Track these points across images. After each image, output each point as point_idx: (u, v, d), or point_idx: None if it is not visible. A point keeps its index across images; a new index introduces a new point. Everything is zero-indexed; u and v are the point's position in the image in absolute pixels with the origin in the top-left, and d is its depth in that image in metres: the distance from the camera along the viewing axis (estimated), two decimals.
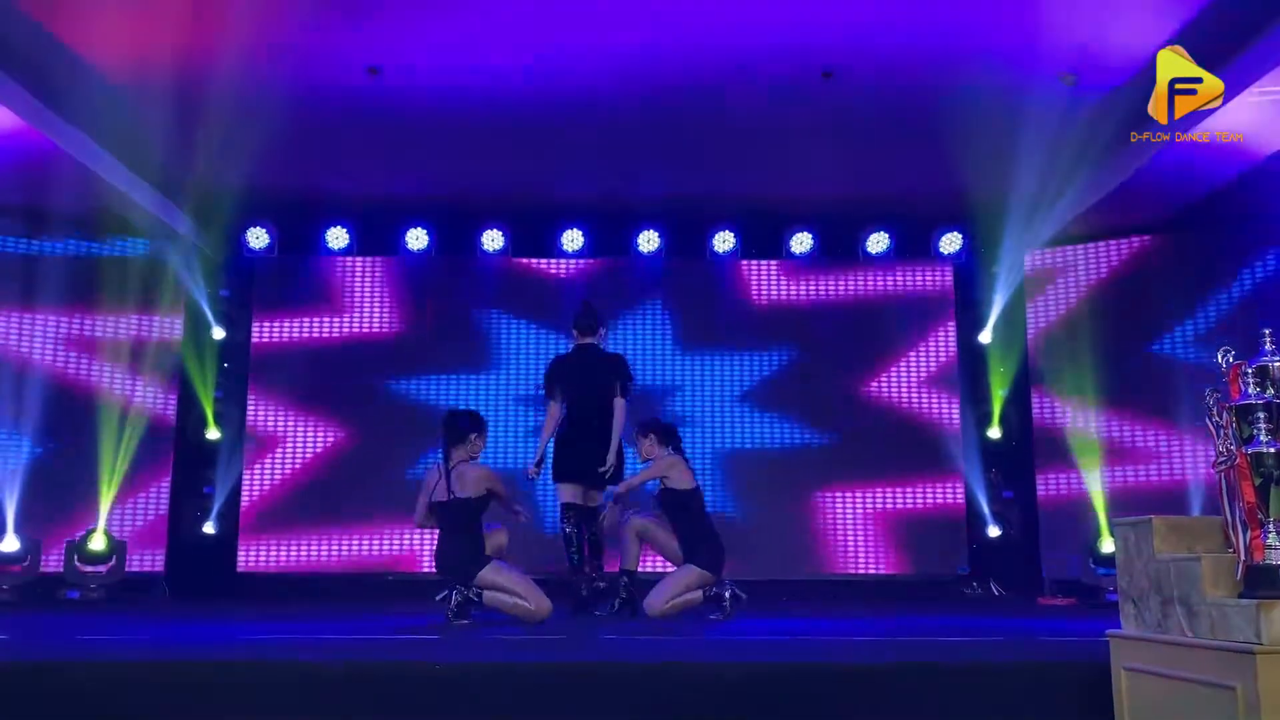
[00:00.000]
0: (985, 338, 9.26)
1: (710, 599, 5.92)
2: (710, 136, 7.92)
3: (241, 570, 8.89)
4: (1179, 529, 3.18)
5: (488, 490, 5.72)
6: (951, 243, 9.35)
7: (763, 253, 9.47)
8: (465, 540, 5.65)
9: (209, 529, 8.91)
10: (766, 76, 7.05)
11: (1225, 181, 7.62)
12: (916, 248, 9.45)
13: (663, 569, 6.37)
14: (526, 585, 5.60)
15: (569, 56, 6.86)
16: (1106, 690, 3.31)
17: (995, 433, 9.19)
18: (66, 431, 8.48)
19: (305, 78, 7.09)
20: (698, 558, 5.91)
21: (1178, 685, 2.96)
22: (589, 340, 6.68)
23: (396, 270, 9.40)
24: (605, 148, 8.07)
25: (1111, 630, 3.33)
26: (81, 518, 8.29)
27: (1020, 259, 9.05)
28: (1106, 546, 8.01)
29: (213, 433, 9.07)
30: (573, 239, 9.29)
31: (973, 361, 9.35)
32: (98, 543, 8.19)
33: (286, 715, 3.59)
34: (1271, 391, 2.92)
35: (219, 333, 9.17)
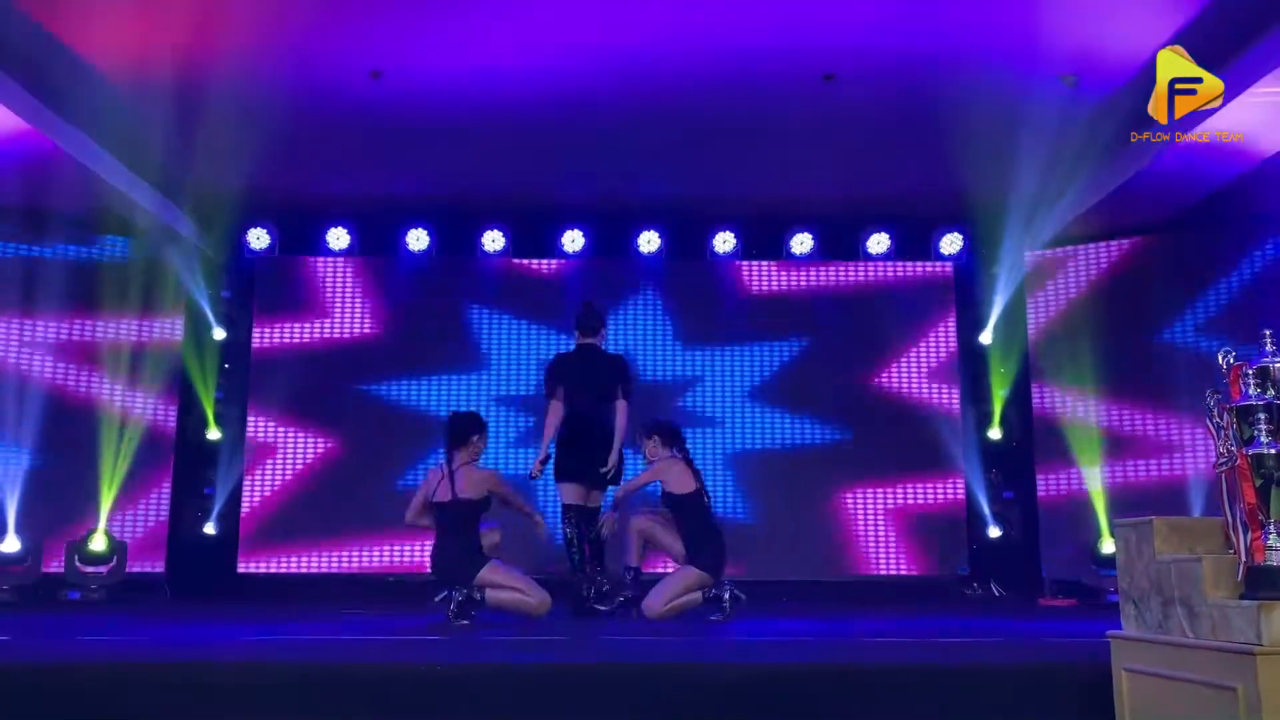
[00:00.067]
0: (986, 338, 9.26)
1: (710, 600, 5.92)
2: (710, 137, 7.91)
3: (242, 571, 8.89)
4: (1180, 530, 3.18)
5: (490, 493, 5.74)
6: (952, 243, 9.35)
7: (763, 253, 9.46)
8: (463, 542, 5.66)
9: (209, 530, 8.90)
10: (767, 77, 7.05)
11: (1226, 182, 7.61)
12: (917, 248, 9.44)
13: (670, 569, 6.36)
14: (525, 580, 5.65)
15: (570, 58, 6.86)
16: (1107, 691, 3.31)
17: (996, 433, 9.19)
18: (67, 432, 8.46)
19: (306, 79, 7.09)
20: (699, 559, 5.91)
21: (1178, 686, 2.96)
22: (590, 340, 6.68)
23: (397, 271, 9.38)
24: (606, 149, 8.07)
25: (1112, 631, 3.34)
26: (82, 518, 8.28)
27: (1021, 259, 9.04)
28: (1107, 547, 8.01)
29: (213, 433, 9.06)
30: (573, 239, 9.29)
31: (973, 362, 9.34)
32: (98, 543, 8.18)
33: (287, 716, 3.59)
34: (1272, 393, 2.92)
35: (220, 333, 9.17)
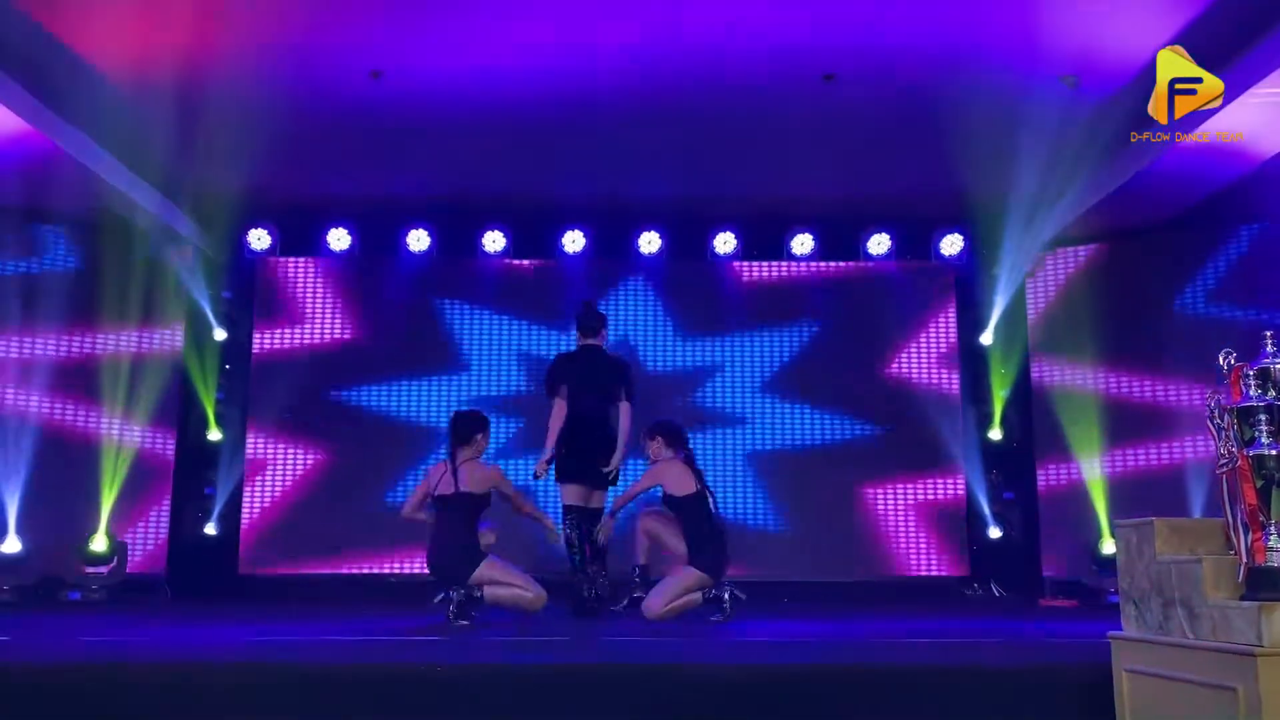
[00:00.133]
0: (986, 339, 9.25)
1: (710, 600, 5.91)
2: (711, 137, 7.91)
3: (243, 572, 8.89)
4: (1180, 531, 3.18)
5: (493, 489, 5.79)
6: (952, 244, 9.34)
7: (764, 254, 9.46)
8: (461, 538, 5.70)
9: (210, 530, 8.91)
10: (767, 77, 7.04)
11: (1226, 183, 7.61)
12: (917, 249, 9.44)
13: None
14: (522, 576, 5.72)
15: (571, 58, 6.86)
16: (1108, 692, 3.31)
17: (996, 434, 9.19)
18: (68, 432, 8.47)
19: (306, 79, 7.09)
20: (699, 560, 5.90)
21: (1179, 687, 2.96)
22: (592, 341, 6.67)
23: (397, 272, 9.37)
24: (606, 149, 8.07)
25: (1113, 632, 3.34)
26: (83, 518, 8.28)
27: (1021, 260, 9.04)
28: (1108, 548, 8.01)
29: (214, 434, 9.06)
30: (574, 240, 9.29)
31: (973, 363, 9.34)
32: (99, 544, 8.18)
33: (287, 717, 3.60)
34: (1273, 394, 2.93)
35: (220, 334, 9.17)
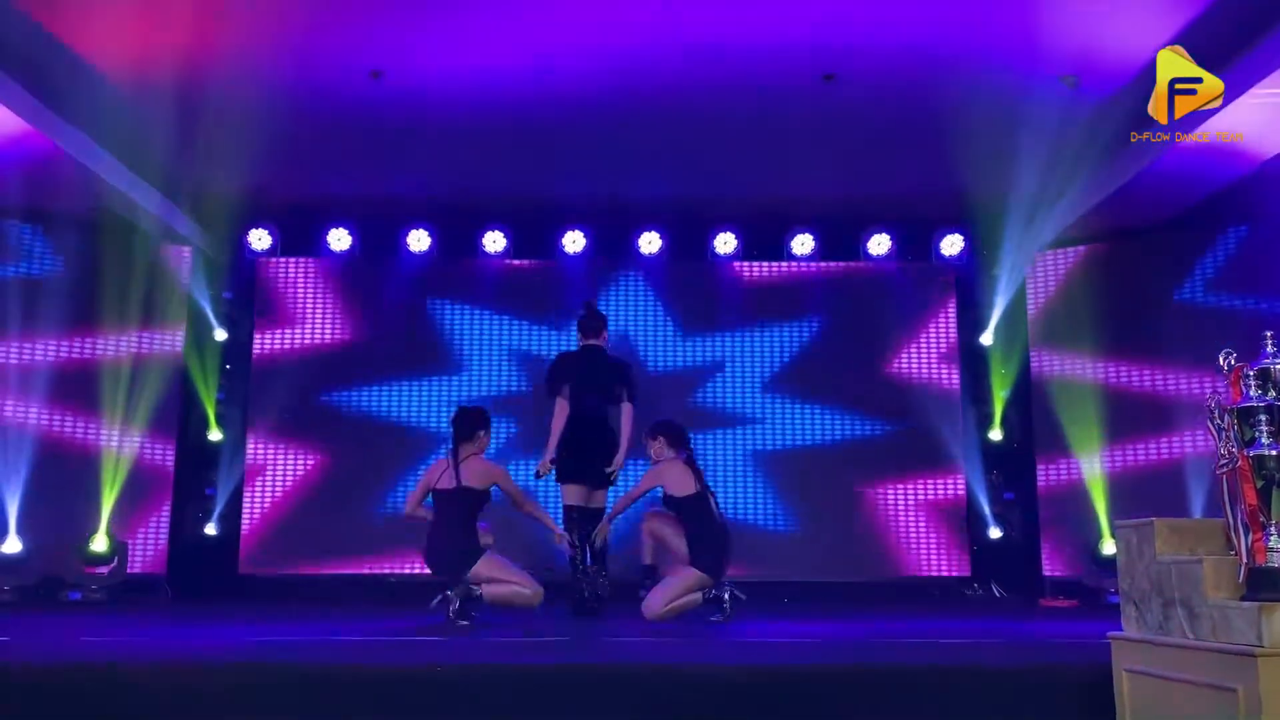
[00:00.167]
0: (986, 339, 9.25)
1: (710, 600, 5.92)
2: (711, 138, 7.91)
3: (243, 572, 8.88)
4: (1180, 531, 3.18)
5: (494, 485, 5.83)
6: (953, 244, 9.34)
7: (764, 254, 9.46)
8: (461, 533, 5.73)
9: (211, 530, 8.91)
10: (767, 77, 7.04)
11: (1226, 183, 7.61)
12: (918, 249, 9.44)
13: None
14: (520, 572, 5.75)
15: (571, 58, 6.86)
16: (1108, 692, 3.32)
17: (996, 434, 9.19)
18: (69, 432, 8.47)
19: (307, 80, 7.09)
20: (700, 560, 5.91)
21: (1179, 687, 2.96)
22: (593, 342, 6.68)
23: (397, 272, 9.37)
24: (607, 149, 8.07)
25: (1113, 632, 3.34)
26: (84, 519, 8.27)
27: (1022, 261, 9.04)
28: (1108, 548, 8.00)
29: (214, 434, 9.06)
30: (574, 240, 9.29)
31: (974, 363, 9.34)
32: (100, 544, 8.18)
33: (288, 717, 3.60)
34: (1273, 394, 2.93)
35: (221, 334, 9.17)
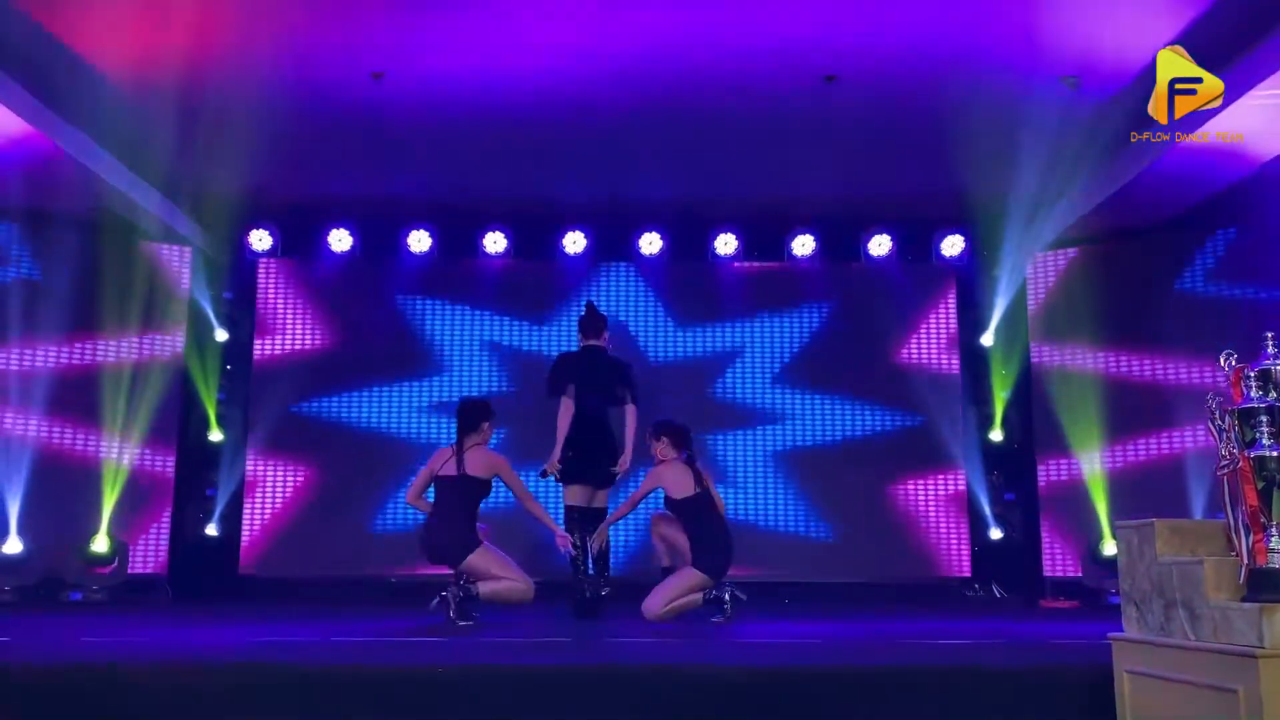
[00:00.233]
0: (987, 340, 9.25)
1: (710, 601, 5.92)
2: (712, 139, 7.90)
3: (244, 572, 8.89)
4: (1181, 532, 3.19)
5: (496, 476, 5.89)
6: (953, 245, 9.33)
7: (765, 254, 9.45)
8: (460, 522, 5.78)
9: (211, 530, 8.91)
10: (768, 78, 7.05)
11: (1227, 184, 7.61)
12: (918, 250, 9.44)
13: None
14: (513, 566, 5.78)
15: (572, 59, 6.86)
16: (1109, 693, 3.32)
17: (997, 435, 9.19)
18: (70, 432, 8.46)
19: (308, 80, 7.09)
20: (701, 561, 5.93)
21: (1180, 688, 2.96)
22: (594, 342, 6.69)
23: (398, 272, 9.37)
24: (607, 150, 8.06)
25: (1114, 633, 3.34)
26: (84, 519, 8.27)
27: (1022, 261, 9.04)
28: (1109, 549, 8.00)
29: (215, 434, 9.06)
30: (575, 241, 9.29)
31: (974, 364, 9.34)
32: (100, 544, 8.18)
33: (289, 717, 3.60)
34: (1274, 395, 2.93)
35: (222, 334, 9.17)
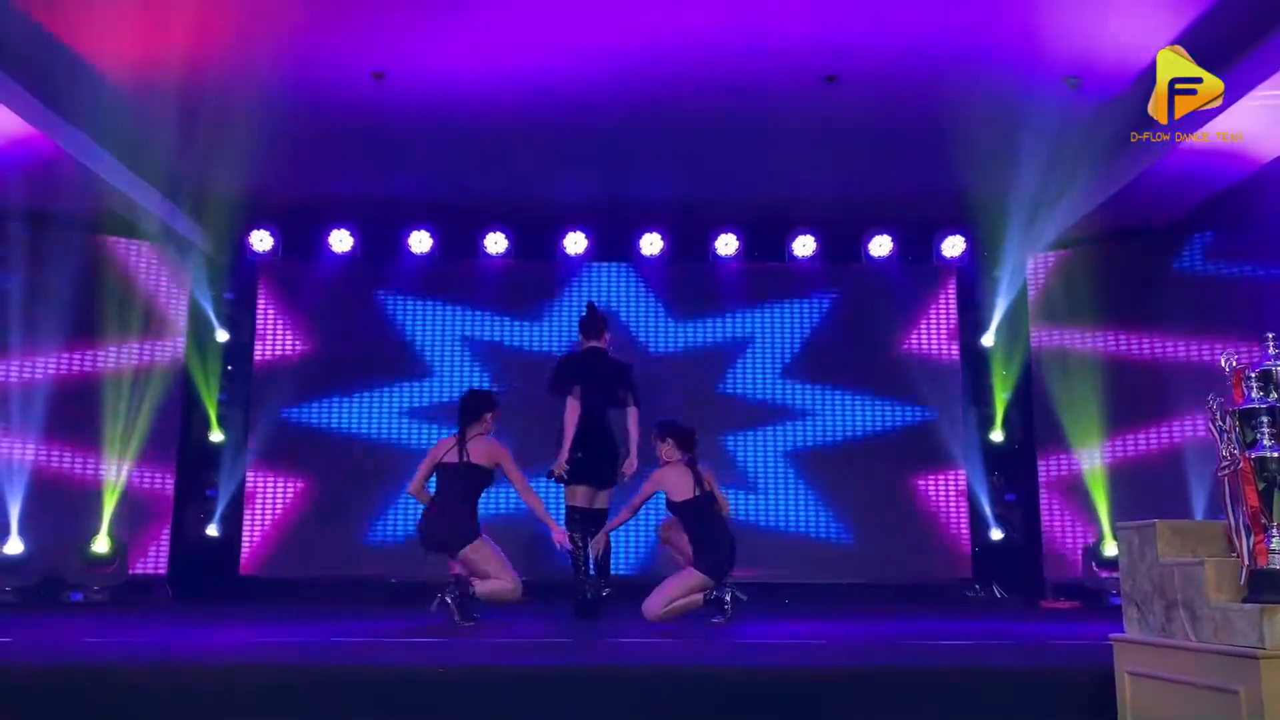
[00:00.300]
0: (988, 340, 9.25)
1: (711, 602, 5.92)
2: (712, 139, 7.90)
3: (244, 573, 8.88)
4: (1182, 533, 3.19)
5: (497, 465, 5.89)
6: (954, 246, 9.33)
7: (765, 255, 9.45)
8: (460, 509, 5.79)
9: (212, 531, 8.91)
10: (769, 78, 7.04)
11: (1227, 185, 7.60)
12: (919, 250, 9.44)
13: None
14: (506, 565, 5.78)
15: (572, 60, 6.86)
16: (1110, 694, 3.32)
17: (998, 435, 9.18)
18: (70, 433, 8.45)
19: (308, 81, 7.09)
20: (702, 563, 5.93)
21: (1181, 689, 2.96)
22: (596, 344, 6.69)
23: (400, 273, 9.38)
24: (608, 151, 8.07)
25: (1115, 634, 3.34)
26: (85, 519, 8.27)
27: (1023, 262, 9.04)
28: (1109, 550, 8.00)
29: (216, 435, 9.06)
30: (575, 241, 9.29)
31: (975, 364, 9.34)
32: (101, 545, 8.18)
33: (290, 718, 3.60)
34: (1275, 396, 2.93)
35: (222, 335, 9.16)
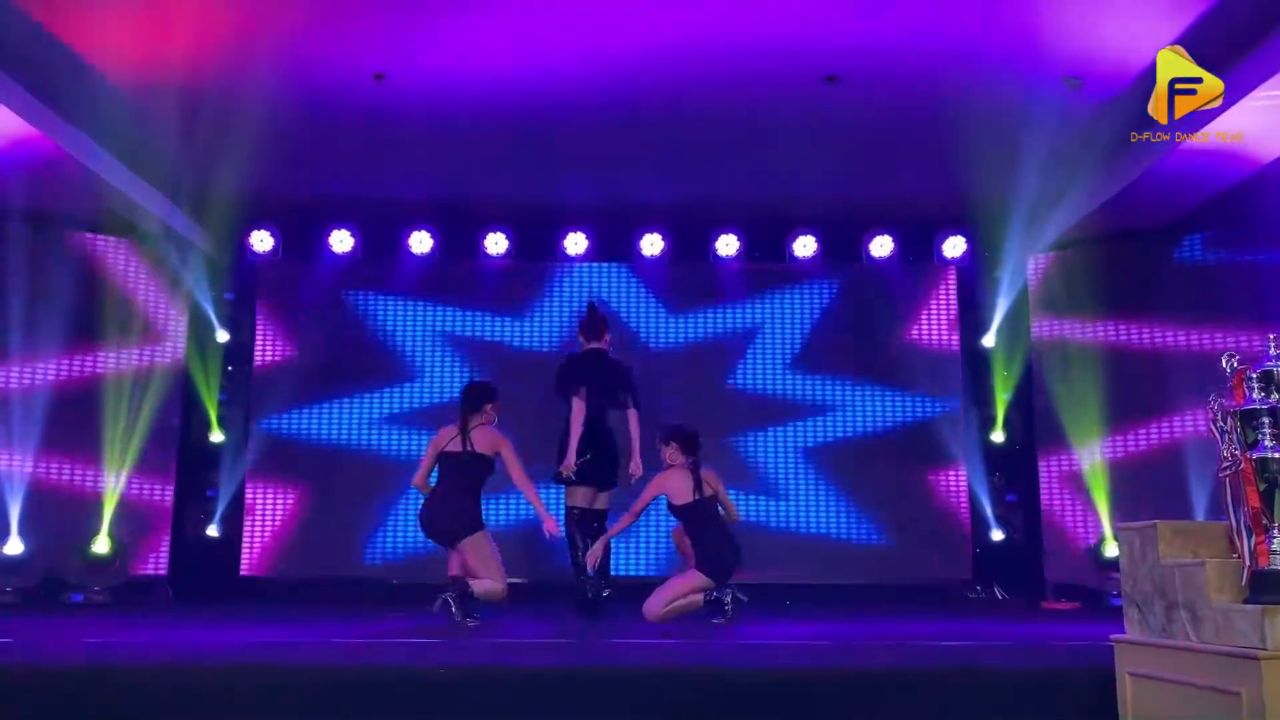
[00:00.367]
0: (988, 341, 9.24)
1: (711, 603, 5.93)
2: (713, 140, 7.89)
3: (245, 573, 8.88)
4: (1183, 534, 3.18)
5: (498, 453, 5.92)
6: (955, 246, 9.33)
7: (766, 255, 9.44)
8: (463, 499, 5.81)
9: (212, 532, 8.90)
10: (769, 79, 7.04)
11: (1228, 186, 7.60)
12: (920, 251, 9.43)
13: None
14: (499, 565, 5.79)
15: (573, 61, 6.85)
16: (1111, 695, 3.32)
17: (998, 436, 9.18)
18: (71, 433, 8.44)
19: (309, 82, 7.08)
20: (704, 564, 5.94)
21: (1182, 690, 2.96)
22: (597, 345, 6.70)
23: (401, 273, 9.37)
24: (608, 152, 8.06)
25: (1116, 635, 3.34)
26: (85, 520, 8.26)
27: (1024, 262, 9.03)
28: (1110, 550, 7.99)
29: (216, 435, 9.06)
30: (576, 242, 9.28)
31: (976, 365, 9.33)
32: (101, 545, 8.18)
33: (290, 718, 3.60)
34: (1276, 396, 2.93)
35: (223, 335, 9.16)
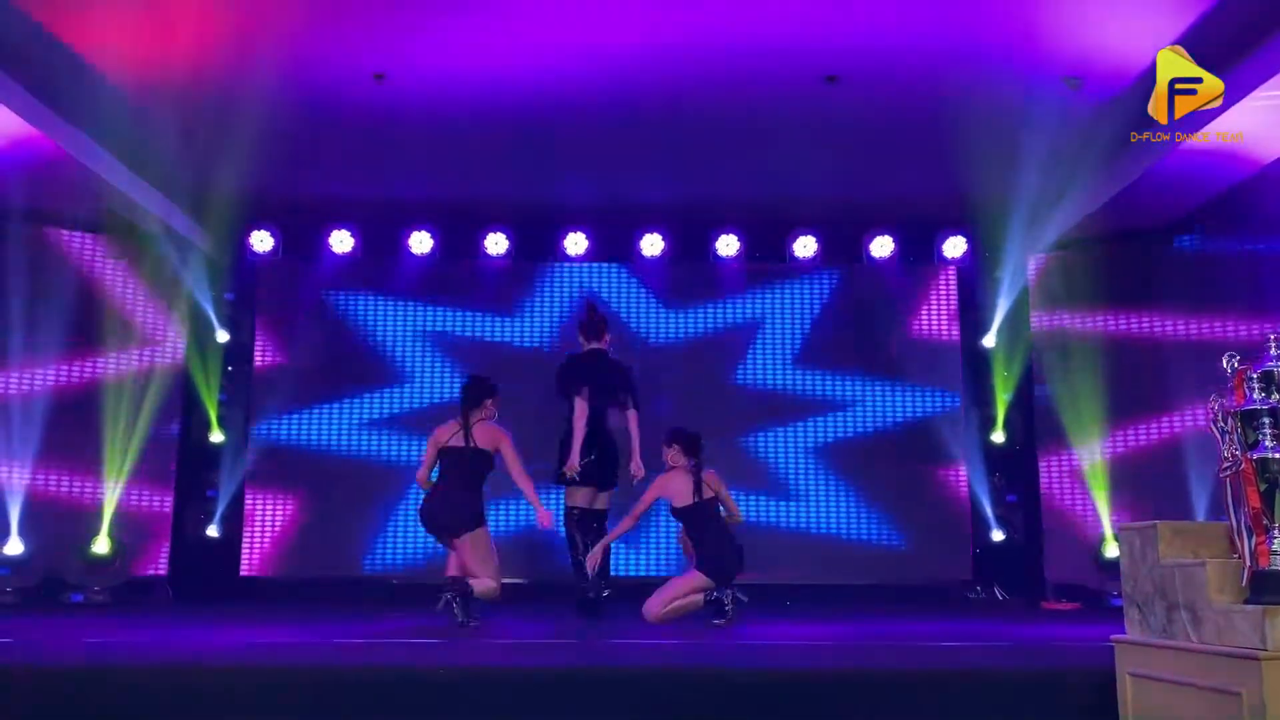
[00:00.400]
0: (989, 341, 9.24)
1: (711, 603, 5.93)
2: (713, 140, 7.89)
3: (245, 574, 8.88)
4: (1184, 534, 3.18)
5: (498, 449, 5.92)
6: (955, 246, 9.33)
7: (766, 255, 9.44)
8: (465, 493, 5.82)
9: (212, 532, 8.90)
10: (769, 79, 7.04)
11: (1229, 186, 7.60)
12: (920, 251, 9.43)
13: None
14: (495, 564, 5.79)
15: (573, 61, 6.86)
16: (1111, 696, 3.32)
17: (999, 436, 9.17)
18: (71, 434, 8.43)
19: (309, 82, 7.08)
20: (705, 566, 5.95)
21: (1182, 691, 2.96)
22: (597, 345, 6.70)
23: (401, 273, 9.37)
24: (609, 152, 8.06)
25: (1116, 635, 3.34)
26: (85, 520, 8.27)
27: (1024, 262, 9.03)
28: (1111, 551, 7.99)
29: (216, 436, 9.06)
30: (576, 242, 9.28)
31: (976, 365, 9.32)
32: (101, 546, 8.18)
33: (290, 718, 3.60)
34: (1276, 397, 2.92)
35: (223, 336, 9.16)
